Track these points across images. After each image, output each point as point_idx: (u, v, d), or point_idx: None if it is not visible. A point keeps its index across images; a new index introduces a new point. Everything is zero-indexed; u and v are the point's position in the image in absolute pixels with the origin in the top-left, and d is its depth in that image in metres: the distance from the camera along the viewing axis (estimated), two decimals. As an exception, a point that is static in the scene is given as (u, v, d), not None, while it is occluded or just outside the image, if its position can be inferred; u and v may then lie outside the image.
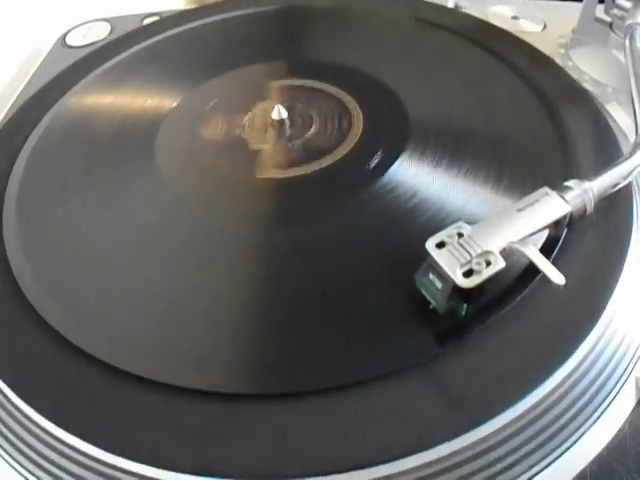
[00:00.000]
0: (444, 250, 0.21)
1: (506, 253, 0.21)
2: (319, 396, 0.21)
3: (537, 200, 0.23)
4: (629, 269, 0.24)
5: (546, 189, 0.23)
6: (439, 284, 0.21)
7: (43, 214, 0.29)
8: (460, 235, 0.22)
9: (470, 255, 0.21)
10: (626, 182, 0.25)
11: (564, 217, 0.23)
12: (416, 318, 0.22)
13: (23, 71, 0.45)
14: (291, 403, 0.21)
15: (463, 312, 0.22)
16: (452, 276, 0.21)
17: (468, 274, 0.21)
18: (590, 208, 0.23)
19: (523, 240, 0.22)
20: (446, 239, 0.22)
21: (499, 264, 0.21)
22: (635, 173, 0.25)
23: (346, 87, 0.33)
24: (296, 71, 0.36)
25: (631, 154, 0.25)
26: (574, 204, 0.23)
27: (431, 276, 0.21)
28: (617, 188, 0.25)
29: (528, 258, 0.21)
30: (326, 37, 0.39)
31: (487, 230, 0.22)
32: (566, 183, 0.24)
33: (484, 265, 0.21)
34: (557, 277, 0.21)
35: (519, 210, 0.22)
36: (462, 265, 0.21)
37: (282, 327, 0.23)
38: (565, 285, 0.20)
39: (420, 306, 0.22)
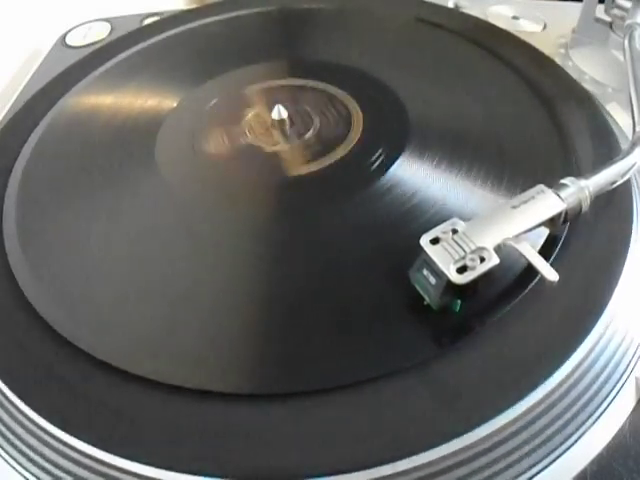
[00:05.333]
0: (438, 246, 0.21)
1: (500, 250, 0.21)
2: (318, 396, 0.21)
3: (532, 197, 0.23)
4: (629, 268, 0.24)
5: (541, 186, 0.23)
6: (433, 280, 0.21)
7: (43, 213, 0.29)
8: (455, 231, 0.22)
9: (464, 251, 0.21)
10: (623, 180, 0.25)
11: (559, 214, 0.23)
12: (416, 318, 0.22)
13: (23, 71, 0.45)
14: (290, 403, 0.21)
15: (457, 308, 0.22)
16: (446, 272, 0.21)
17: (462, 270, 0.21)
18: (586, 206, 0.23)
19: (517, 237, 0.22)
20: (440, 235, 0.22)
21: (493, 260, 0.21)
22: (632, 171, 0.25)
23: (346, 87, 0.33)
24: (296, 71, 0.36)
25: (628, 152, 0.25)
26: (569, 202, 0.23)
27: (425, 272, 0.21)
28: (614, 186, 0.25)
29: (522, 255, 0.21)
30: (326, 37, 0.39)
31: (481, 227, 0.22)
32: (562, 181, 0.24)
33: (478, 261, 0.21)
34: (550, 274, 0.21)
35: (514, 207, 0.22)
36: (456, 261, 0.21)
37: (281, 328, 0.23)
38: (564, 284, 0.20)
39: (420, 306, 0.22)
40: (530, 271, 0.23)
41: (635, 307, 0.24)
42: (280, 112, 0.31)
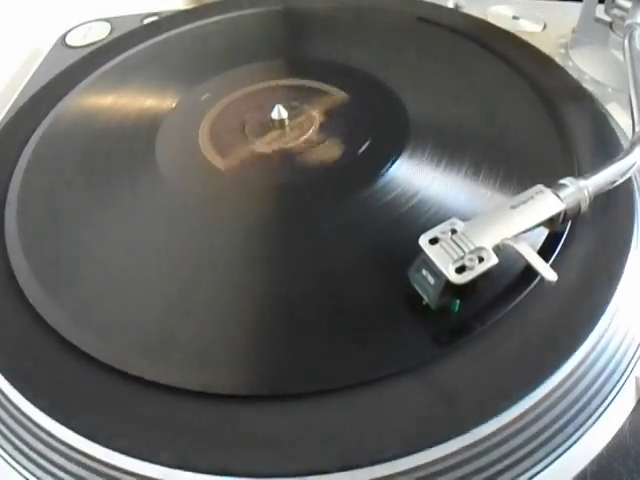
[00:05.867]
0: (437, 246, 0.21)
1: (499, 250, 0.21)
2: (318, 396, 0.21)
3: (531, 197, 0.23)
4: (630, 268, 0.24)
5: (540, 187, 0.23)
6: (432, 280, 0.21)
7: (44, 213, 0.29)
8: (453, 231, 0.22)
9: (463, 251, 0.21)
10: (623, 179, 0.25)
11: (558, 215, 0.23)
12: (415, 318, 0.22)
13: (23, 71, 0.45)
14: (290, 404, 0.21)
15: (456, 308, 0.22)
16: (444, 272, 0.21)
17: (461, 270, 0.21)
18: (585, 206, 0.23)
19: (516, 237, 0.22)
20: (439, 235, 0.22)
21: (492, 260, 0.21)
22: (632, 170, 0.25)
23: (346, 87, 0.33)
24: (296, 71, 0.36)
25: (628, 152, 0.25)
26: (568, 202, 0.23)
27: (424, 272, 0.21)
28: (614, 185, 0.25)
29: (520, 255, 0.21)
30: (325, 37, 0.39)
31: (480, 226, 0.22)
32: (561, 181, 0.24)
33: (477, 261, 0.21)
34: (549, 274, 0.21)
35: (513, 207, 0.22)
36: (455, 261, 0.21)
37: (279, 329, 0.23)
38: (563, 284, 0.20)
39: (419, 306, 0.22)
40: (529, 271, 0.23)
41: (635, 307, 0.24)
42: (280, 112, 0.31)
